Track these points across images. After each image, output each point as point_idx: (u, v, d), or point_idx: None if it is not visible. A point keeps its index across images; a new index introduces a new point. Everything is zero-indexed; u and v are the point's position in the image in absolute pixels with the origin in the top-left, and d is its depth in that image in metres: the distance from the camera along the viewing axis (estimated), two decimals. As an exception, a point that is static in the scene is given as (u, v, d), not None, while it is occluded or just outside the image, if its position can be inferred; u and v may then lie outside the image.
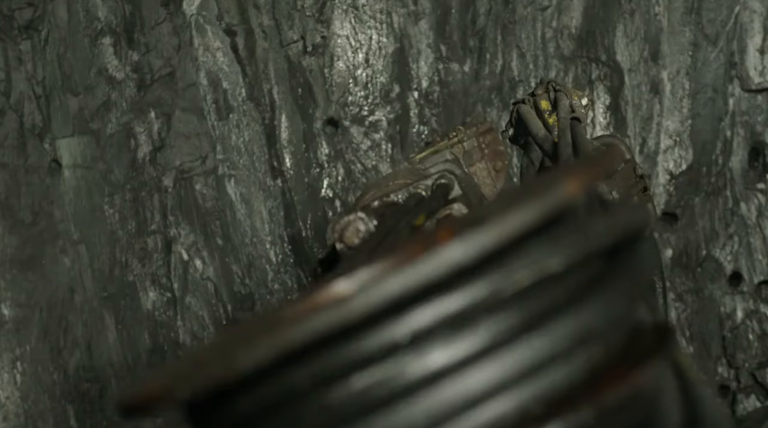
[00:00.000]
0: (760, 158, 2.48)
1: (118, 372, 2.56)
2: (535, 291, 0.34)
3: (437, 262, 0.32)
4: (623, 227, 0.36)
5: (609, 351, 0.35)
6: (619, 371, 0.35)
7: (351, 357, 0.34)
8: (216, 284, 2.57)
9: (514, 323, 0.34)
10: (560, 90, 1.09)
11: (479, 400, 0.34)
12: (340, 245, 0.77)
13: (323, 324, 0.32)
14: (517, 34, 2.53)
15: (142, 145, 2.56)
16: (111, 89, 2.55)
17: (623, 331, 0.36)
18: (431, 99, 2.55)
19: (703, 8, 2.48)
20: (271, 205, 2.57)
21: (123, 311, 2.57)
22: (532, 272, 0.33)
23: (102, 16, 2.55)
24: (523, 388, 0.34)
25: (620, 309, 0.36)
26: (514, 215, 0.31)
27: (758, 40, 2.47)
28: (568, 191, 0.32)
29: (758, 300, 2.48)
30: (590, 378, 0.35)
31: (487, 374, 0.34)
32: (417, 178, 0.93)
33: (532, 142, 1.01)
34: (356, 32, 2.56)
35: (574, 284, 0.35)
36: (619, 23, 2.50)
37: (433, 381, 0.33)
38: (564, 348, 0.34)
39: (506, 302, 0.34)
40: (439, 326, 0.33)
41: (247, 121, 2.56)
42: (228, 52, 2.56)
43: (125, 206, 2.56)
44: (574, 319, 0.34)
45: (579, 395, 0.34)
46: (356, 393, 0.34)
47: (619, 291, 0.36)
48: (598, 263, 0.36)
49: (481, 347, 0.33)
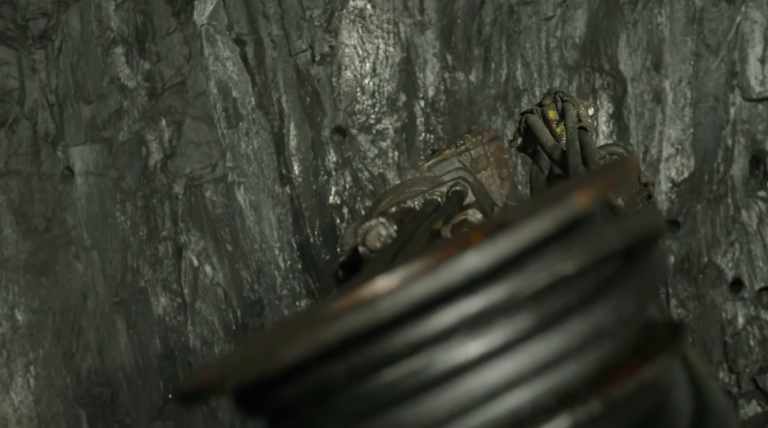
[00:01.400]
0: (760, 166, 2.49)
1: (129, 376, 2.59)
2: (550, 293, 0.37)
3: (461, 267, 0.35)
4: (633, 233, 0.38)
5: (619, 347, 0.38)
6: (628, 366, 0.38)
7: (381, 352, 0.37)
8: (225, 290, 2.59)
9: (530, 322, 0.37)
10: (567, 100, 1.11)
11: (497, 393, 0.37)
12: (363, 249, 0.80)
13: (356, 323, 0.36)
14: (522, 44, 2.55)
15: (154, 152, 2.58)
16: (123, 98, 2.58)
17: (634, 329, 0.39)
18: (437, 108, 2.57)
19: (704, 19, 2.49)
20: (279, 212, 2.59)
21: (134, 316, 2.59)
22: (547, 275, 0.36)
23: (114, 26, 2.58)
24: (538, 382, 0.37)
25: (631, 309, 0.39)
26: (531, 225, 0.35)
27: (759, 50, 2.48)
28: (580, 202, 0.35)
29: (759, 306, 2.49)
30: (601, 372, 0.37)
31: (505, 369, 0.37)
32: (431, 185, 0.96)
33: (540, 150, 1.03)
34: (364, 42, 2.58)
35: (586, 286, 0.38)
36: (622, 33, 2.51)
37: (456, 375, 0.36)
38: (576, 345, 0.37)
39: (523, 303, 0.37)
40: (462, 325, 0.36)
41: (256, 129, 2.59)
42: (238, 62, 2.58)
43: (137, 212, 2.58)
44: (586, 318, 0.37)
45: (589, 388, 0.37)
46: (386, 385, 0.37)
47: (630, 292, 0.39)
48: (610, 266, 0.39)
49: (499, 344, 0.36)
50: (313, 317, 0.37)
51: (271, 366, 0.37)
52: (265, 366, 0.37)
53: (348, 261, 0.89)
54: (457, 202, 0.90)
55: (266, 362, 0.37)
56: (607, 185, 0.37)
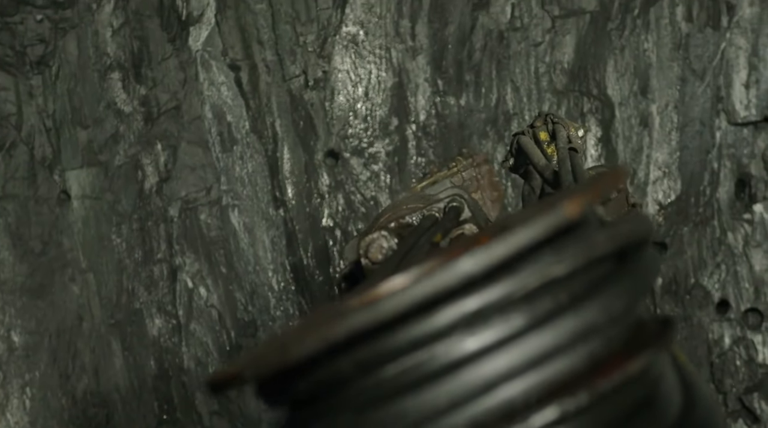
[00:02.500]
0: (746, 190, 2.51)
1: (124, 397, 2.61)
2: (542, 293, 0.40)
3: (457, 270, 0.39)
4: (622, 237, 0.41)
5: (609, 343, 0.41)
6: (616, 361, 0.40)
7: (386, 348, 0.40)
8: (220, 311, 2.61)
9: (523, 320, 0.40)
10: (558, 122, 1.14)
11: (493, 385, 0.40)
12: (365, 261, 0.85)
13: (362, 321, 0.39)
14: (512, 69, 2.57)
15: (149, 176, 2.61)
16: (119, 122, 2.60)
17: (623, 326, 0.42)
18: (428, 131, 2.59)
19: (690, 44, 2.51)
20: (273, 234, 2.61)
21: (129, 338, 2.61)
22: (539, 277, 0.39)
23: (111, 51, 2.61)
24: (530, 375, 0.40)
25: (620, 308, 0.41)
26: (522, 232, 0.38)
27: (744, 76, 2.50)
28: (569, 210, 0.38)
29: (745, 327, 2.50)
30: (590, 367, 0.40)
31: (500, 363, 0.40)
32: (428, 202, 1.00)
33: (532, 170, 1.06)
34: (356, 67, 2.60)
35: (577, 287, 0.41)
36: (609, 59, 2.54)
37: (454, 369, 0.40)
38: (566, 341, 0.40)
39: (517, 302, 0.40)
40: (460, 323, 0.39)
41: (250, 153, 2.61)
42: (232, 87, 2.61)
43: (132, 235, 2.61)
44: (576, 317, 0.40)
45: (578, 381, 0.40)
46: (391, 377, 0.40)
47: (620, 292, 0.42)
48: (601, 269, 0.42)
49: (494, 340, 0.39)
50: (324, 316, 0.41)
51: (285, 360, 0.41)
52: (280, 360, 0.41)
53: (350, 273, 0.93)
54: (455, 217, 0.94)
55: (281, 356, 0.41)
56: (596, 194, 0.41)
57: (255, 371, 0.42)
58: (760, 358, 2.50)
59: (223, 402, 2.61)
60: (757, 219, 2.50)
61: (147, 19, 2.61)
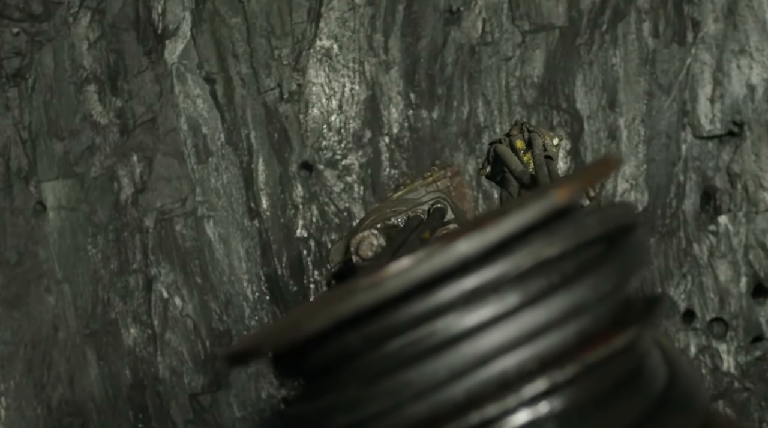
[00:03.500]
0: (711, 202, 2.55)
1: (99, 407, 2.61)
2: (535, 273, 0.43)
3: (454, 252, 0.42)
4: (611, 221, 0.45)
5: (598, 320, 0.44)
6: (603, 336, 0.43)
7: (390, 324, 0.43)
8: (195, 321, 2.62)
9: (516, 298, 0.43)
10: (534, 131, 1.18)
11: (488, 358, 0.43)
12: (356, 258, 0.88)
13: (368, 299, 0.42)
14: (483, 82, 2.60)
15: (125, 187, 2.62)
16: (95, 134, 2.62)
17: (612, 304, 0.45)
18: (401, 144, 2.63)
19: (657, 60, 2.56)
20: (248, 245, 2.63)
21: (105, 348, 2.62)
22: (532, 258, 0.42)
23: (87, 64, 2.63)
24: (523, 350, 0.43)
25: (609, 287, 0.44)
26: (515, 216, 0.42)
27: (708, 90, 2.54)
28: (560, 196, 0.42)
29: (710, 336, 2.54)
30: (579, 342, 0.43)
31: (495, 338, 0.43)
32: (412, 205, 1.04)
33: (509, 177, 1.09)
34: (330, 80, 2.63)
35: (568, 267, 0.44)
36: (578, 73, 2.58)
37: (453, 343, 0.43)
38: (557, 318, 0.43)
39: (511, 282, 0.43)
40: (458, 301, 0.42)
41: (225, 164, 2.63)
42: (207, 99, 2.63)
43: (108, 246, 2.62)
44: (567, 295, 0.43)
45: (568, 355, 0.43)
46: (395, 351, 0.43)
47: (609, 272, 0.45)
48: (591, 250, 0.45)
49: (490, 317, 0.42)
50: (334, 294, 0.45)
51: (299, 334, 0.44)
52: (294, 335, 0.44)
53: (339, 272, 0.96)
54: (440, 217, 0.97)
55: (294, 331, 0.44)
56: (586, 181, 0.45)
57: (270, 345, 0.45)
58: (725, 367, 2.53)
59: (197, 410, 2.62)
60: (722, 231, 2.54)
61: (123, 33, 2.63)
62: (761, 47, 2.53)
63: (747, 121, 2.53)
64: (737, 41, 2.53)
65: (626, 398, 0.45)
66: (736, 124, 2.54)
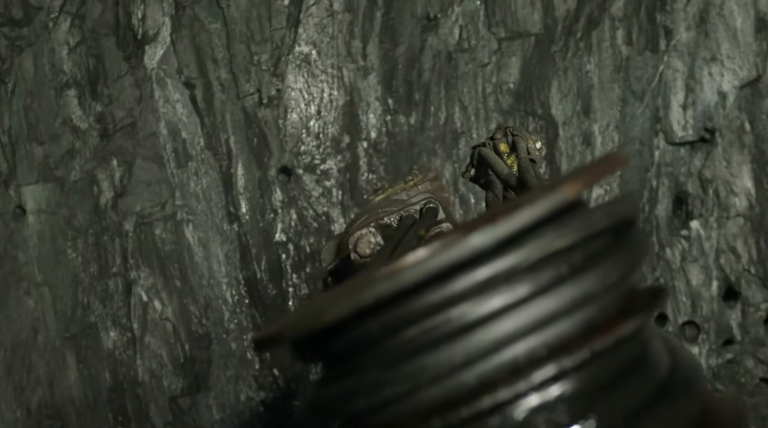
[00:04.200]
0: (683, 207, 2.57)
1: (79, 409, 2.62)
2: (545, 265, 0.45)
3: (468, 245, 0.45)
4: (616, 214, 0.47)
5: (604, 309, 0.46)
6: (609, 324, 0.46)
7: (408, 312, 0.46)
8: (174, 324, 2.63)
9: (527, 288, 0.45)
10: (517, 135, 1.20)
11: (500, 345, 0.45)
12: (354, 255, 0.91)
13: (387, 289, 0.45)
14: (460, 88, 2.63)
15: (105, 191, 2.63)
16: (75, 138, 2.63)
17: (618, 294, 0.47)
18: (379, 149, 2.65)
19: (630, 67, 2.59)
20: (227, 248, 2.65)
21: (84, 351, 2.62)
22: (542, 250, 0.45)
23: (67, 69, 2.64)
24: (533, 337, 0.45)
25: (615, 278, 0.46)
26: (526, 211, 0.45)
27: (681, 97, 2.57)
28: (569, 191, 0.45)
29: (682, 339, 2.55)
30: (586, 330, 0.45)
31: (506, 326, 0.45)
32: (403, 206, 1.06)
33: (493, 180, 1.11)
34: (309, 86, 2.65)
35: (576, 259, 0.46)
36: (553, 80, 2.61)
37: (468, 331, 0.45)
38: (566, 307, 0.45)
39: (522, 273, 0.45)
40: (472, 291, 0.45)
41: (205, 169, 2.65)
42: (187, 104, 2.64)
43: (87, 249, 2.63)
44: (575, 285, 0.45)
45: (575, 342, 0.45)
46: (413, 338, 0.45)
47: (615, 264, 0.47)
48: (598, 242, 0.47)
49: (501, 306, 0.45)
50: (354, 284, 0.48)
51: (320, 322, 0.47)
52: (316, 323, 0.47)
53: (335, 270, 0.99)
54: (433, 216, 1.00)
55: (316, 319, 0.47)
56: (594, 176, 0.47)
57: (293, 332, 0.48)
58: (698, 369, 2.56)
59: (176, 413, 2.63)
60: (694, 235, 2.57)
61: (103, 38, 2.64)
62: (732, 55, 2.56)
63: (718, 127, 2.56)
64: (709, 49, 2.57)
65: (632, 383, 0.47)
66: (707, 130, 2.57)
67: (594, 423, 0.45)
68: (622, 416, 0.46)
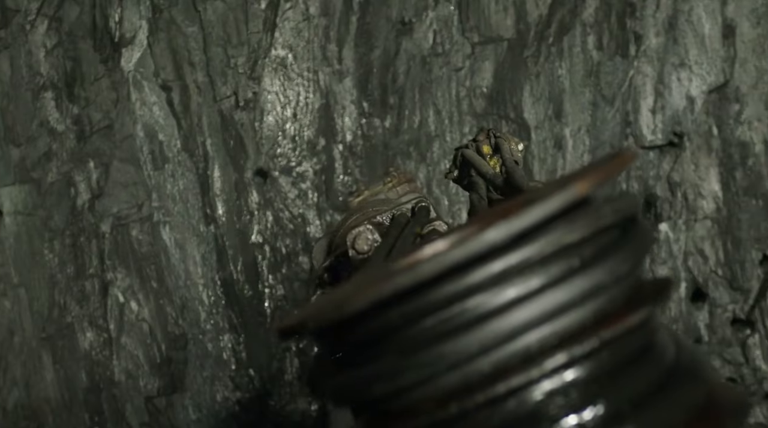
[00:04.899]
0: (652, 210, 2.61)
1: (55, 410, 2.62)
2: (557, 258, 0.48)
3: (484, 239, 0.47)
4: (624, 210, 0.50)
5: (613, 300, 0.49)
6: (618, 315, 0.48)
7: (426, 303, 0.48)
8: (151, 325, 2.65)
9: (539, 281, 0.48)
10: (500, 137, 1.23)
11: (514, 334, 0.48)
12: (352, 252, 0.94)
13: (406, 281, 0.47)
14: (434, 92, 2.66)
15: (82, 193, 2.64)
16: (52, 140, 2.63)
17: (626, 285, 0.50)
18: (355, 151, 2.67)
19: (601, 71, 2.62)
20: (204, 250, 2.66)
21: (61, 352, 2.63)
22: (554, 244, 0.47)
23: (44, 71, 2.64)
24: (545, 327, 0.48)
25: (624, 270, 0.49)
26: (539, 207, 0.47)
27: (650, 102, 2.61)
28: (580, 188, 0.47)
29: None
30: (596, 320, 0.48)
31: (520, 316, 0.48)
32: (394, 205, 1.09)
33: (476, 181, 1.14)
34: (285, 89, 2.67)
35: (587, 252, 0.49)
36: (526, 84, 2.64)
37: (483, 320, 0.48)
38: (577, 298, 0.48)
39: (534, 266, 0.48)
40: (487, 283, 0.47)
41: (181, 171, 2.66)
42: (164, 106, 2.65)
43: (64, 251, 2.63)
44: (586, 278, 0.48)
45: (586, 332, 0.47)
46: (431, 327, 0.48)
47: (623, 257, 0.49)
48: (607, 236, 0.50)
49: (515, 297, 0.47)
50: (374, 276, 0.50)
51: (343, 312, 0.49)
52: (339, 313, 0.50)
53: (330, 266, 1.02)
54: (426, 214, 1.03)
55: (339, 309, 0.49)
56: (604, 174, 0.51)
57: (317, 321, 0.51)
58: (666, 368, 2.59)
59: (153, 413, 2.64)
60: (663, 238, 2.61)
61: (80, 40, 2.65)
62: (700, 61, 2.60)
63: (687, 132, 2.60)
64: (677, 55, 2.61)
65: (639, 370, 0.50)
66: (676, 134, 2.60)
67: (603, 407, 0.48)
68: (630, 401, 0.48)
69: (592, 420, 0.48)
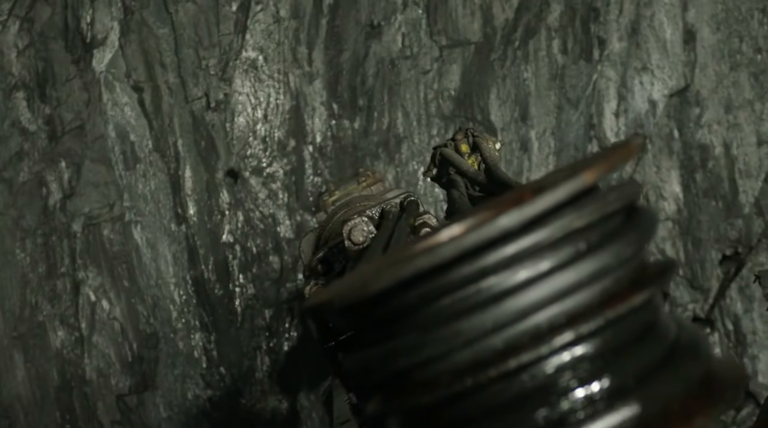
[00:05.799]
0: None
1: (26, 408, 2.63)
2: (565, 242, 0.51)
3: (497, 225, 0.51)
4: (628, 196, 0.53)
5: (618, 281, 0.51)
6: (622, 295, 0.51)
7: (444, 284, 0.51)
8: (122, 324, 2.66)
9: (549, 263, 0.50)
10: (478, 136, 1.28)
11: (525, 313, 0.51)
12: (348, 243, 0.98)
13: (425, 263, 0.50)
14: (402, 94, 2.69)
15: (53, 193, 2.65)
16: (24, 140, 2.64)
17: (630, 268, 0.52)
18: (324, 152, 2.70)
19: (566, 75, 2.67)
20: (175, 249, 2.68)
21: (32, 350, 2.64)
22: (563, 229, 0.50)
23: (16, 71, 2.65)
24: (554, 306, 0.51)
25: (628, 253, 0.52)
26: (549, 195, 0.51)
27: (614, 105, 2.66)
28: (588, 178, 0.51)
29: None
30: (602, 300, 0.51)
31: (531, 296, 0.51)
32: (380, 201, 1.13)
33: (455, 178, 1.17)
34: (256, 90, 2.70)
35: (593, 236, 0.51)
36: (492, 87, 2.68)
37: (497, 300, 0.51)
38: (584, 280, 0.50)
39: (544, 249, 0.51)
40: (500, 265, 0.50)
41: (153, 171, 2.68)
42: (135, 107, 2.67)
43: (36, 250, 2.64)
44: (592, 260, 0.51)
45: (592, 311, 0.50)
46: (448, 306, 0.51)
47: (628, 241, 0.52)
48: (612, 222, 0.53)
49: (526, 279, 0.50)
50: (395, 259, 0.54)
51: (366, 292, 0.53)
52: (362, 293, 0.53)
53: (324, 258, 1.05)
54: (416, 208, 1.07)
55: (363, 289, 0.53)
56: (611, 163, 0.55)
57: (342, 300, 0.54)
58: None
59: (124, 411, 2.66)
60: (625, 238, 2.65)
61: (52, 41, 2.66)
62: (662, 65, 2.65)
63: (649, 134, 2.65)
64: (640, 59, 2.66)
65: (644, 346, 0.53)
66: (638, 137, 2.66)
67: (608, 381, 0.51)
68: (634, 376, 0.51)
69: (599, 392, 0.51)
